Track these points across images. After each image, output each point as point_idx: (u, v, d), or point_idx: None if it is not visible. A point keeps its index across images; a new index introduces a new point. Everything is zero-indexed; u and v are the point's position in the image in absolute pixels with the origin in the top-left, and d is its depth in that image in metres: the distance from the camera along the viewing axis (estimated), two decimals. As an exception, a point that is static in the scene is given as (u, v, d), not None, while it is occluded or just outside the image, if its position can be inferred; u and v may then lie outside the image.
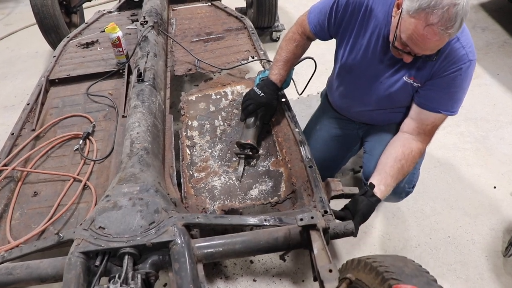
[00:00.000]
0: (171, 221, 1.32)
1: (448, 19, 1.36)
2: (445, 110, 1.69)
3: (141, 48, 2.32)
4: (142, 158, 1.60)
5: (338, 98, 2.08)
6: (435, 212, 2.27)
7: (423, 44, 1.46)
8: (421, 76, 1.68)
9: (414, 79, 1.69)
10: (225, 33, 2.85)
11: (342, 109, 2.12)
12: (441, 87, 1.65)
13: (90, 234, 1.29)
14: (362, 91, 1.89)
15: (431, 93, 1.69)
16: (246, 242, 1.33)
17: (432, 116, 1.71)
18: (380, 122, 2.01)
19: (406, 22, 1.46)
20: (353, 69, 1.86)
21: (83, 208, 1.69)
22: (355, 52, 1.81)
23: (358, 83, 1.89)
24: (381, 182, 1.64)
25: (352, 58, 1.83)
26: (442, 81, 1.64)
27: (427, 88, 1.69)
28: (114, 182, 1.51)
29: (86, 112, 2.18)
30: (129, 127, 1.76)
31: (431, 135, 1.77)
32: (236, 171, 1.80)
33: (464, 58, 1.58)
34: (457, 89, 1.65)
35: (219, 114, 2.12)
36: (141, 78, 2.01)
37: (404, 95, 1.77)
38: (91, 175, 1.83)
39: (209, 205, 1.68)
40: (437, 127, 1.75)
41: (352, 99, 1.99)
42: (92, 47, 2.75)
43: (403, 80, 1.72)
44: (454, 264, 2.03)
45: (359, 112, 2.02)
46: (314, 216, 1.27)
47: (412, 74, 1.69)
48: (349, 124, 2.13)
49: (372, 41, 1.73)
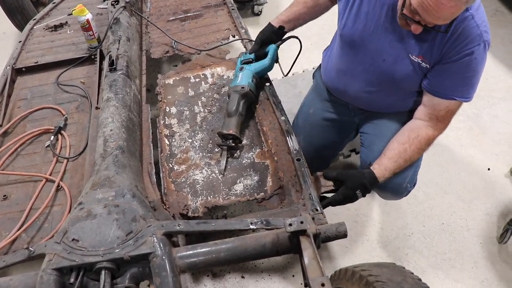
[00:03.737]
0: (150, 231, 1.26)
1: None
2: (459, 97, 1.59)
3: (113, 32, 2.20)
4: (117, 158, 1.52)
5: (335, 76, 1.96)
6: (428, 197, 2.25)
7: (436, 11, 1.33)
8: (431, 56, 1.56)
9: (423, 59, 1.58)
10: (204, 10, 2.74)
11: (338, 90, 1.99)
12: (453, 72, 1.55)
13: (63, 248, 1.23)
14: (363, 67, 1.77)
15: (442, 79, 1.59)
16: (232, 249, 1.27)
17: (445, 103, 1.61)
18: (379, 108, 1.90)
19: None
20: (354, 40, 1.73)
21: (57, 212, 1.62)
22: (358, 21, 1.69)
23: (359, 58, 1.77)
24: (376, 162, 1.61)
25: (354, 28, 1.71)
26: (454, 66, 1.54)
27: (437, 74, 1.59)
28: (88, 187, 1.43)
29: (57, 104, 2.08)
30: (101, 123, 1.68)
31: (445, 121, 1.66)
32: (219, 163, 1.74)
33: (478, 38, 1.47)
34: (472, 73, 1.55)
35: (199, 100, 2.04)
36: (113, 67, 1.91)
37: (410, 76, 1.66)
38: (65, 175, 1.75)
39: (191, 201, 1.62)
40: (452, 113, 1.64)
41: (351, 76, 1.86)
42: (61, 30, 2.62)
43: (410, 58, 1.60)
44: (448, 253, 2.02)
45: (357, 93, 1.89)
46: (304, 221, 1.22)
47: (420, 53, 1.57)
48: (345, 110, 2.03)
49: (376, 9, 1.61)
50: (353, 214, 2.22)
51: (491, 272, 1.94)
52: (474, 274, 1.94)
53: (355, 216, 2.20)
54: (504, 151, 2.50)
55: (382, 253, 2.05)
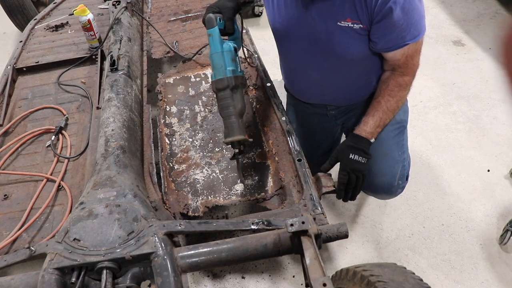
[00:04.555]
0: (151, 230, 1.26)
1: None
2: (410, 39, 1.52)
3: (114, 32, 2.20)
4: (118, 158, 1.52)
5: (292, 78, 1.95)
6: (428, 198, 2.25)
7: None
8: (357, 15, 1.49)
9: (351, 20, 1.50)
10: (205, 10, 2.73)
11: (302, 91, 1.96)
12: (390, 25, 1.47)
13: (64, 247, 1.23)
14: (308, 55, 1.71)
15: (385, 35, 1.52)
16: (233, 249, 1.27)
17: (400, 51, 1.56)
18: (350, 98, 1.87)
19: None
20: (286, 31, 1.68)
21: (58, 212, 1.62)
22: (280, 11, 1.65)
23: (298, 48, 1.71)
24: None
25: (280, 19, 1.67)
26: (387, 20, 1.46)
27: (377, 32, 1.52)
28: (89, 186, 1.43)
29: (58, 104, 2.08)
30: (103, 123, 1.68)
31: (410, 64, 1.61)
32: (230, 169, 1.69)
33: None
34: (408, 15, 1.45)
35: (199, 99, 2.05)
36: (114, 67, 1.91)
37: (350, 43, 1.57)
38: (66, 174, 1.75)
39: (191, 201, 1.63)
40: (413, 55, 1.59)
41: (303, 70, 1.79)
42: (62, 30, 2.62)
43: (339, 25, 1.52)
44: (448, 254, 2.02)
45: (319, 87, 1.84)
46: (305, 221, 1.22)
47: (345, 16, 1.49)
48: (325, 117, 2.01)
49: None
50: (354, 215, 2.22)
51: (491, 273, 1.94)
52: (474, 275, 1.94)
53: (355, 217, 2.21)
54: (503, 152, 2.50)
55: (383, 254, 2.05)
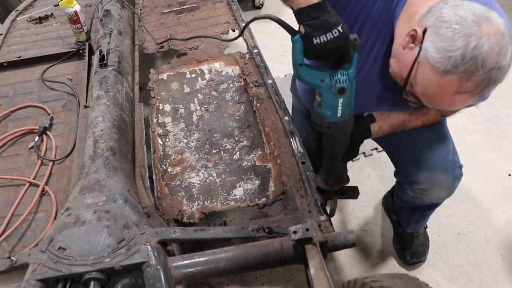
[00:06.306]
0: (143, 238, 1.26)
1: (486, 85, 1.15)
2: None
3: (103, 25, 2.21)
4: (108, 160, 1.53)
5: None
6: (443, 205, 2.22)
7: (445, 107, 1.31)
8: None
9: None
10: (201, 1, 2.76)
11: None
12: None
13: (48, 257, 1.23)
14: (372, 97, 1.67)
15: None
16: (232, 259, 1.28)
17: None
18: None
19: (426, 75, 1.21)
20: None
21: (41, 219, 1.62)
22: None
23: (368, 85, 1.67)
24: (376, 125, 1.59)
25: None
26: None
27: None
28: (76, 191, 1.44)
29: (41, 102, 2.09)
30: (91, 123, 1.68)
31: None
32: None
33: None
34: None
35: (195, 97, 2.06)
36: (103, 62, 1.92)
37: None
38: (50, 178, 1.76)
39: (186, 206, 1.63)
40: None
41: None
42: (46, 22, 2.64)
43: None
44: (466, 266, 2.02)
45: (360, 107, 1.81)
46: (310, 228, 1.22)
47: None
48: None
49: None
50: (362, 222, 2.23)
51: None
52: (494, 289, 1.95)
53: (364, 224, 2.21)
54: (525, 155, 2.51)
55: (393, 265, 2.06)
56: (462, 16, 1.13)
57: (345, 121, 1.32)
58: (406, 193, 1.82)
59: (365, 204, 2.33)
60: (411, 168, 1.69)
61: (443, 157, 1.67)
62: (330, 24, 1.15)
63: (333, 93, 1.25)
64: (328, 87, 1.25)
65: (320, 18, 1.14)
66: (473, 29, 1.11)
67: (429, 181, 1.68)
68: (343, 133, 1.37)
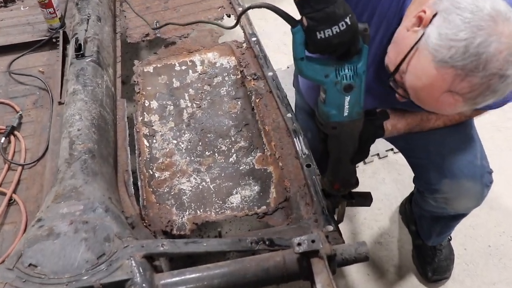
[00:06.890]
0: (127, 252, 1.27)
1: (482, 92, 1.14)
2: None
3: (79, 9, 2.22)
4: (86, 164, 1.53)
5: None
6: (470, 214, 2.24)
7: (430, 107, 1.30)
8: None
9: None
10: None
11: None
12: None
13: (16, 275, 1.23)
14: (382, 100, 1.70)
15: None
16: (228, 275, 1.28)
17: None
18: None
19: (421, 63, 1.21)
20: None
21: (8, 231, 1.64)
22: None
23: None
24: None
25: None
26: None
27: None
28: (49, 199, 1.44)
29: (8, 98, 2.10)
30: (66, 122, 1.69)
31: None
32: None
33: None
34: None
35: (186, 92, 2.07)
36: (80, 52, 1.92)
37: None
38: (19, 185, 1.77)
39: (176, 216, 1.64)
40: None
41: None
42: (13, 6, 2.65)
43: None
44: (498, 283, 2.03)
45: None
46: (316, 240, 1.23)
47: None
48: None
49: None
50: (376, 233, 2.23)
51: (550, 307, 1.95)
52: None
53: (378, 236, 2.22)
54: (562, 156, 2.52)
55: (413, 282, 2.06)
56: (479, 6, 1.11)
57: (353, 121, 1.30)
58: (426, 201, 1.82)
59: (379, 212, 2.34)
60: (433, 174, 1.68)
61: (469, 162, 1.66)
62: (337, 16, 1.13)
63: (338, 90, 1.24)
64: (333, 83, 1.23)
65: (324, 9, 1.12)
66: (486, 24, 1.09)
67: (454, 190, 1.67)
68: (350, 134, 1.35)
